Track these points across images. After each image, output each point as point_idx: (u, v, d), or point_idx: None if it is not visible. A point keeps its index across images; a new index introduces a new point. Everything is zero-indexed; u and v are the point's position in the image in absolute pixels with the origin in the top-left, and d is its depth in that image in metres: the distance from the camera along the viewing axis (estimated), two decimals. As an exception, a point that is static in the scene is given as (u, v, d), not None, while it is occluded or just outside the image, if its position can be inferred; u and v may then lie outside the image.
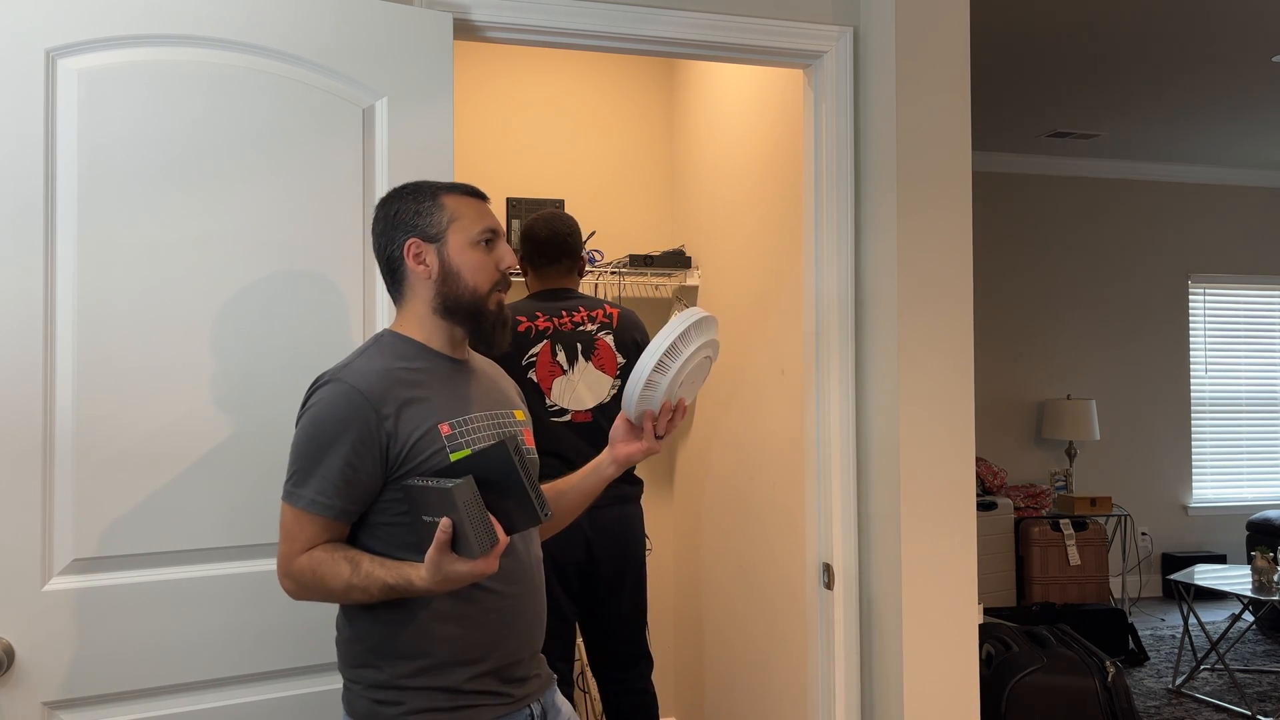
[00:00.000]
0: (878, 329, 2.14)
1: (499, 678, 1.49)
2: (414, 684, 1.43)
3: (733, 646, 3.02)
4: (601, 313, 2.71)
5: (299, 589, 1.43)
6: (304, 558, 1.41)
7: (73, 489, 1.60)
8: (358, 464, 1.41)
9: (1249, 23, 3.84)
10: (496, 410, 1.57)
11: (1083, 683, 3.25)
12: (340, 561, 1.40)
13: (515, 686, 1.52)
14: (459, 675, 1.45)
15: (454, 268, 1.52)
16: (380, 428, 1.41)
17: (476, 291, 1.52)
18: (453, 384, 1.53)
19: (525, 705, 1.54)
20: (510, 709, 1.51)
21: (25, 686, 1.56)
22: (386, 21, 1.83)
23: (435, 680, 1.44)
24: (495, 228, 1.56)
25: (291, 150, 1.76)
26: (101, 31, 1.63)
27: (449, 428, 1.46)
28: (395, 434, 1.42)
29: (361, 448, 1.41)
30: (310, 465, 1.41)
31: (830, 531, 2.20)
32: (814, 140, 2.25)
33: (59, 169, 1.60)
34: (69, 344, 1.60)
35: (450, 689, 1.44)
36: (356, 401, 1.41)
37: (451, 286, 1.52)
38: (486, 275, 1.53)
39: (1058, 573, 5.35)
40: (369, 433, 1.41)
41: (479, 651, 1.46)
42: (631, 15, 2.06)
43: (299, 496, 1.42)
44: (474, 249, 1.52)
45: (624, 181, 3.60)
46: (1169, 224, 6.35)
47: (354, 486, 1.41)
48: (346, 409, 1.41)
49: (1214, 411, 6.48)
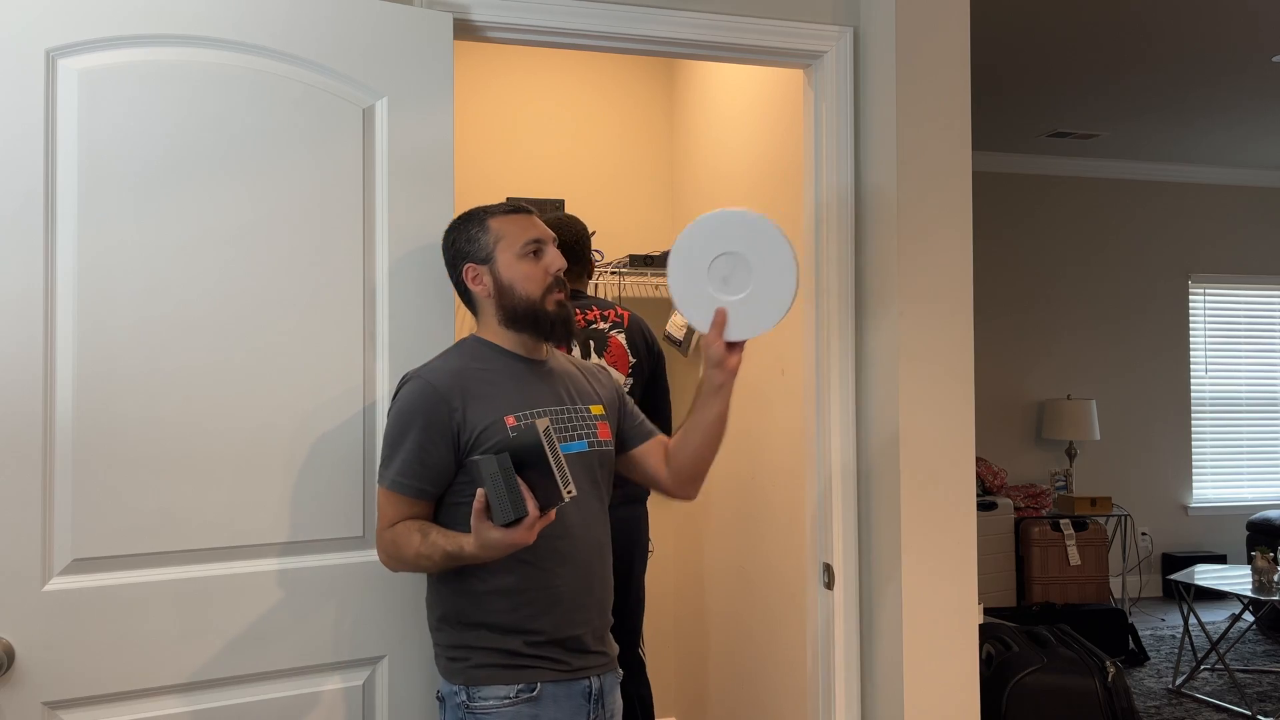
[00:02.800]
0: (878, 329, 2.14)
1: (559, 646, 1.65)
2: (477, 644, 1.63)
3: (733, 646, 3.02)
4: (614, 313, 2.78)
5: (387, 559, 1.64)
6: (389, 531, 1.62)
7: (73, 489, 1.60)
8: (430, 449, 1.60)
9: (1249, 23, 3.84)
10: (569, 405, 1.72)
11: (1083, 683, 3.25)
12: (414, 533, 1.59)
13: (575, 657, 1.67)
14: (514, 641, 1.62)
15: (505, 282, 1.68)
16: (450, 418, 1.60)
17: (530, 299, 1.68)
18: (524, 381, 1.69)
19: (585, 676, 1.68)
20: (569, 676, 1.66)
21: (25, 686, 1.56)
22: (386, 22, 1.83)
23: (493, 643, 1.62)
24: (540, 237, 1.70)
25: (292, 150, 1.76)
26: (102, 31, 1.63)
27: (514, 419, 1.63)
28: (464, 424, 1.61)
29: (434, 434, 1.60)
30: (393, 450, 1.62)
31: (830, 531, 2.20)
32: (814, 140, 2.25)
33: (59, 169, 1.60)
34: (69, 343, 1.60)
35: (508, 650, 1.62)
36: (430, 395, 1.61)
37: (508, 299, 1.68)
38: (537, 282, 1.68)
39: (1058, 573, 5.35)
40: (440, 422, 1.60)
41: (531, 624, 1.62)
42: (631, 15, 2.06)
43: (384, 476, 1.63)
44: (522, 261, 1.68)
45: (624, 181, 3.60)
46: (1169, 224, 6.35)
47: (428, 469, 1.61)
48: (421, 400, 1.61)
49: (1214, 411, 6.48)
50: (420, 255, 1.84)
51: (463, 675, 1.63)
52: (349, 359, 1.80)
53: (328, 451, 1.77)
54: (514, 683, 1.62)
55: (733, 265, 1.70)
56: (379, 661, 1.81)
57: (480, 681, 1.62)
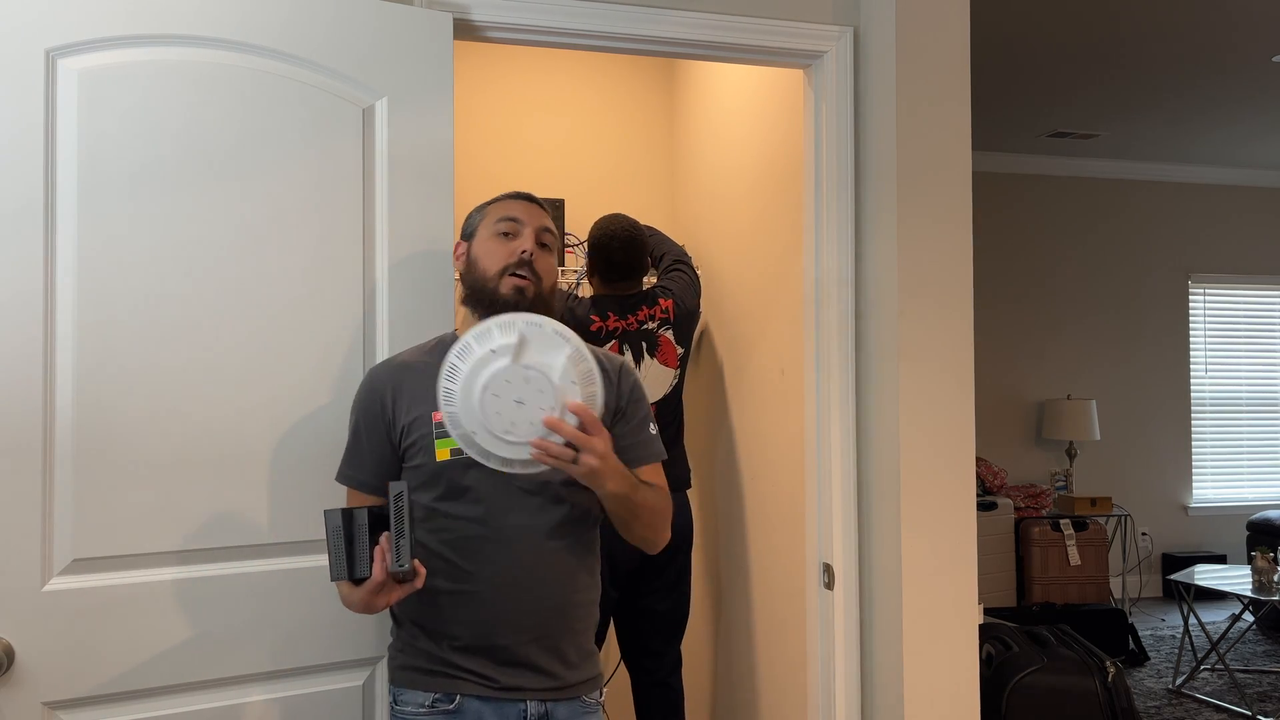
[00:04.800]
0: (878, 328, 2.14)
1: (482, 658, 1.56)
2: (406, 642, 1.63)
3: (733, 646, 3.02)
4: (659, 309, 2.82)
5: None
6: None
7: (73, 489, 1.60)
8: (366, 440, 1.62)
9: (1249, 23, 3.84)
10: None
11: (1083, 683, 3.25)
12: None
13: (504, 672, 1.56)
14: (431, 645, 1.59)
15: (473, 258, 1.65)
16: (383, 411, 1.60)
17: (486, 275, 1.61)
18: None
19: (518, 699, 1.56)
20: (495, 694, 1.55)
21: (25, 686, 1.56)
22: (386, 21, 1.83)
23: (418, 642, 1.61)
24: (516, 216, 1.63)
25: (292, 150, 1.76)
26: (102, 31, 1.63)
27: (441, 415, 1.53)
28: (395, 418, 1.60)
29: (369, 426, 1.61)
30: (347, 443, 1.65)
31: (830, 531, 2.20)
32: (814, 140, 2.25)
33: (59, 169, 1.60)
34: (69, 343, 1.60)
35: (428, 654, 1.59)
36: (366, 387, 1.65)
37: (470, 272, 1.65)
38: (498, 260, 1.60)
39: (1058, 573, 5.35)
40: (374, 414, 1.61)
41: (449, 626, 1.58)
42: (631, 15, 2.06)
43: (339, 470, 1.66)
44: (493, 239, 1.63)
45: (624, 181, 3.60)
46: (1169, 224, 6.35)
47: (364, 460, 1.62)
48: (361, 393, 1.65)
49: (1214, 411, 6.48)
50: (420, 256, 1.84)
51: (393, 674, 1.64)
52: (349, 359, 1.80)
53: (328, 451, 1.77)
54: (429, 690, 1.56)
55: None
56: (379, 661, 1.81)
57: (401, 684, 1.61)
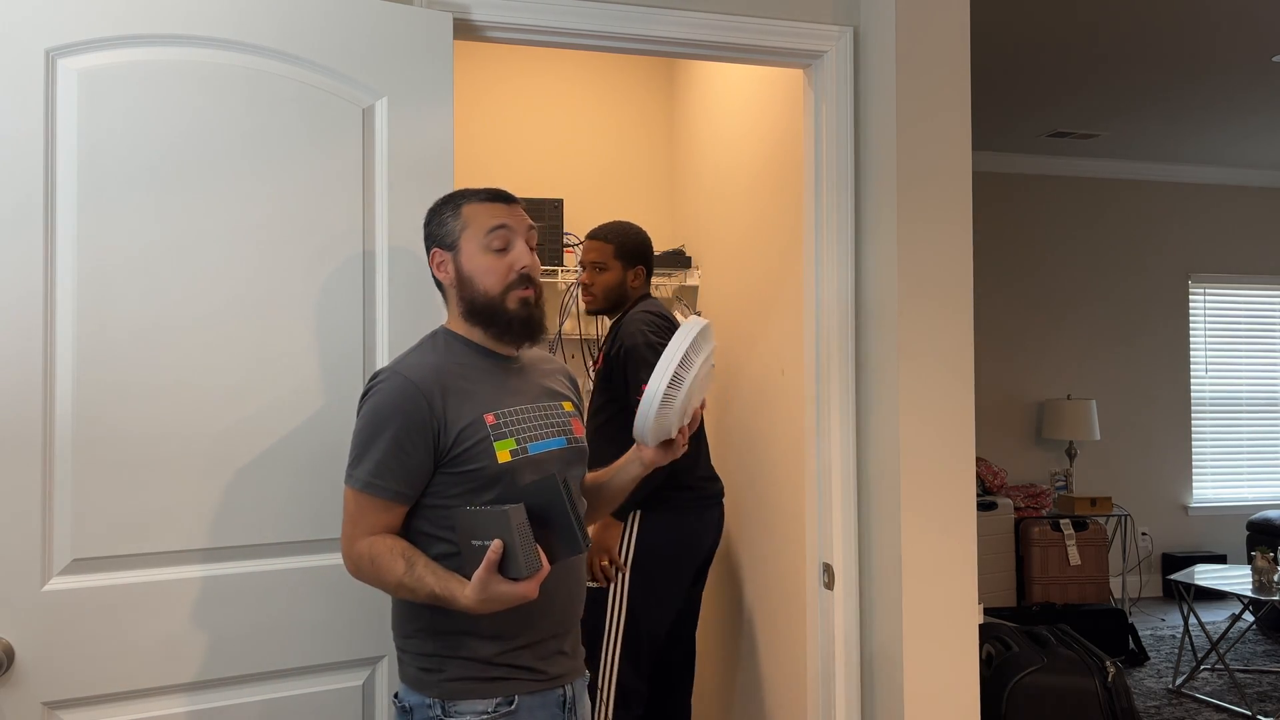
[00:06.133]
0: (878, 329, 2.14)
1: (533, 654, 1.58)
2: (453, 654, 1.55)
3: (733, 646, 3.02)
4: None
5: (357, 571, 1.53)
6: (364, 544, 1.51)
7: (72, 489, 1.60)
8: (410, 449, 1.51)
9: (1249, 23, 3.84)
10: (543, 402, 1.66)
11: (1083, 683, 3.25)
12: (398, 559, 1.48)
13: (550, 664, 1.60)
14: (490, 649, 1.55)
15: (467, 274, 1.60)
16: (431, 417, 1.52)
17: (490, 294, 1.60)
18: (499, 378, 1.62)
19: (559, 686, 1.62)
20: (543, 686, 1.60)
21: (25, 686, 1.56)
22: (386, 21, 1.83)
23: (469, 652, 1.54)
24: (506, 224, 1.60)
25: (291, 150, 1.76)
26: (101, 31, 1.63)
27: (493, 418, 1.56)
28: (445, 423, 1.53)
29: (414, 433, 1.51)
30: (366, 449, 1.52)
31: (830, 531, 2.20)
32: (814, 140, 2.25)
33: (59, 169, 1.60)
34: (69, 343, 1.60)
35: (483, 660, 1.55)
36: (409, 392, 1.52)
37: (468, 291, 1.61)
38: (498, 277, 1.59)
39: (1058, 573, 5.35)
40: (421, 420, 1.51)
41: (509, 629, 1.55)
42: (631, 15, 2.06)
43: (355, 478, 1.52)
44: (485, 254, 1.59)
45: (624, 181, 3.60)
46: (1169, 224, 6.35)
47: (406, 470, 1.51)
48: (400, 398, 1.52)
49: (1214, 411, 6.47)
50: (420, 256, 1.84)
51: (437, 688, 1.55)
52: (349, 360, 1.80)
53: (328, 452, 1.77)
54: (491, 696, 1.55)
55: None
56: (379, 661, 1.81)
57: (457, 695, 1.55)
